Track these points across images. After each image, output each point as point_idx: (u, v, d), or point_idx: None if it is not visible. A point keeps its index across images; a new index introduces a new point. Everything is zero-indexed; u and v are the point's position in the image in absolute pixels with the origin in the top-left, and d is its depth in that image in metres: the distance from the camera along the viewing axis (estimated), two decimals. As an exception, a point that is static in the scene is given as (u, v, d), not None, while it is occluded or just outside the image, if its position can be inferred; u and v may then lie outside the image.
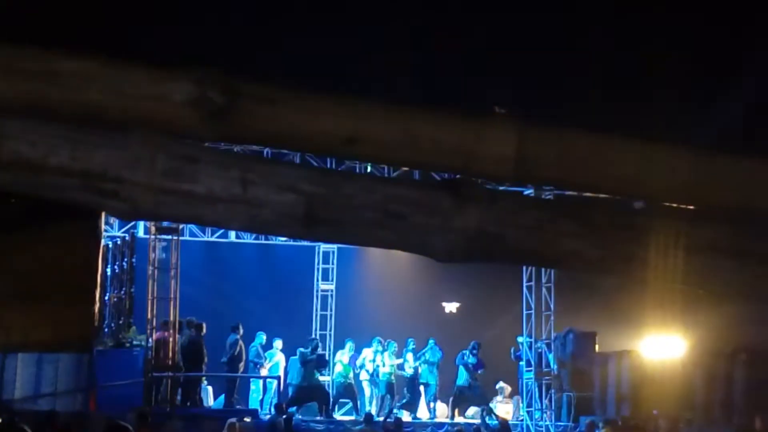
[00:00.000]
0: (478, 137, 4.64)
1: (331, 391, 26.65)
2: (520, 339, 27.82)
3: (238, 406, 24.91)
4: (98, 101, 4.09)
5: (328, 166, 16.68)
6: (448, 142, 4.62)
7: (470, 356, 27.01)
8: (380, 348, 26.62)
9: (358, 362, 26.91)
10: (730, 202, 5.12)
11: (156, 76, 4.16)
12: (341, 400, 26.98)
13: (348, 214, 4.25)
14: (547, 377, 27.32)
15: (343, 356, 26.83)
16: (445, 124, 4.70)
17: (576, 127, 5.13)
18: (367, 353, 26.85)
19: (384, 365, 26.57)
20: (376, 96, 4.71)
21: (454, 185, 4.51)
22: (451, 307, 30.91)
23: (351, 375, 26.63)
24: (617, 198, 4.94)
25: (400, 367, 26.94)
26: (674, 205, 5.34)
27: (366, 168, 18.49)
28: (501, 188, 6.44)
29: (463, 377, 27.07)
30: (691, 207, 5.26)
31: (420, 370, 26.95)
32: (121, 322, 24.86)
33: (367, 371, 26.62)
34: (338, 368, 26.66)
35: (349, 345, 27.05)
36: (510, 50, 19.31)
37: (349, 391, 26.70)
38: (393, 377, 26.78)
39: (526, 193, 16.67)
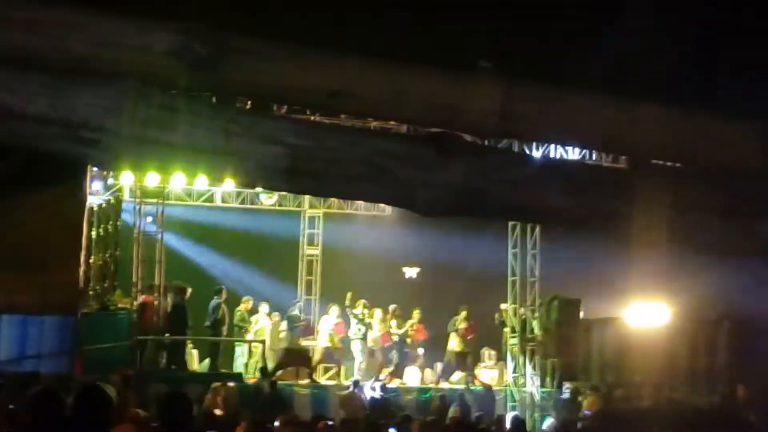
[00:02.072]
0: (463, 92, 4.63)
1: (315, 356, 26.65)
2: (504, 306, 27.85)
3: (222, 370, 24.89)
4: (80, 50, 4.06)
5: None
6: (433, 96, 4.60)
7: (461, 322, 27.04)
8: (365, 313, 26.60)
9: (350, 329, 26.90)
10: (717, 160, 5.12)
11: (140, 26, 4.13)
12: (325, 365, 26.99)
13: (331, 167, 4.23)
14: (531, 344, 27.35)
15: (327, 321, 26.80)
16: (430, 79, 4.69)
17: (562, 84, 5.12)
18: (352, 318, 26.82)
19: (370, 330, 26.57)
20: (362, 51, 4.68)
21: (438, 139, 4.50)
22: (411, 272, 30.83)
23: (336, 340, 26.63)
24: (603, 155, 4.95)
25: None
26: (661, 162, 5.34)
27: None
28: (486, 144, 6.43)
29: (453, 343, 27.10)
30: (678, 165, 5.26)
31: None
32: (106, 285, 24.76)
33: (356, 336, 26.58)
34: (323, 333, 26.63)
35: (333, 309, 27.03)
36: (495, 4, 19.13)
37: (333, 355, 26.71)
38: (377, 342, 26.76)
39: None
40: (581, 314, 28.29)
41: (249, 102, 8.59)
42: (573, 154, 18.61)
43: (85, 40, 3.91)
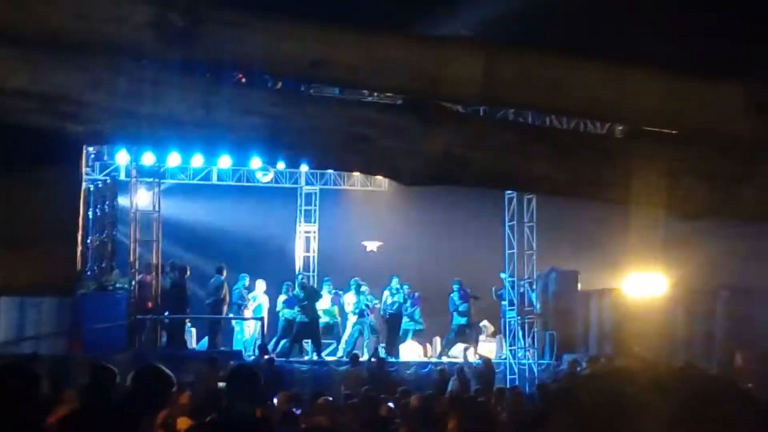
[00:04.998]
0: (446, 60, 4.61)
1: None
2: (503, 275, 27.86)
3: (222, 348, 24.94)
4: (59, 23, 4.04)
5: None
6: (415, 65, 4.58)
7: (458, 292, 27.10)
8: (359, 289, 26.64)
9: (347, 308, 26.95)
10: (701, 124, 5.10)
11: (116, -1, 4.12)
12: (324, 341, 27.04)
13: (312, 136, 4.22)
14: (529, 316, 27.40)
15: (323, 297, 26.87)
16: (412, 47, 4.67)
17: (546, 50, 5.10)
18: (348, 295, 26.88)
19: (366, 305, 26.62)
20: (344, 20, 4.67)
21: (420, 108, 4.48)
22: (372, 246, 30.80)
23: (335, 314, 26.72)
24: (588, 121, 4.94)
25: (390, 306, 26.97)
26: (647, 128, 5.33)
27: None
28: (469, 111, 6.41)
29: (459, 317, 27.21)
30: (663, 130, 5.24)
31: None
32: (103, 265, 24.79)
33: (354, 312, 26.64)
34: (320, 309, 26.69)
35: (327, 287, 27.12)
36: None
37: (331, 331, 26.80)
38: (374, 318, 26.83)
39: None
40: (579, 286, 28.35)
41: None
42: (563, 122, 18.51)
43: (61, 12, 3.89)
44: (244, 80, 5.72)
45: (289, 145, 4.19)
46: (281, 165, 27.65)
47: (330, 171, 28.57)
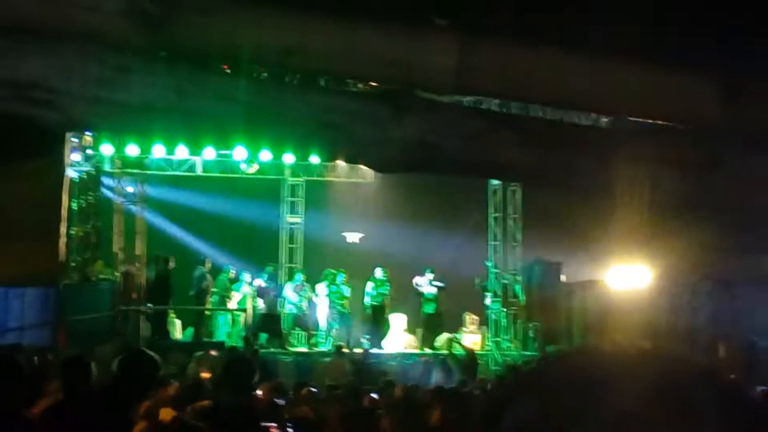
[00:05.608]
0: (420, 49, 4.63)
1: (284, 323, 26.79)
2: (489, 264, 27.92)
3: (205, 339, 24.95)
4: (30, 10, 4.05)
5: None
6: (389, 53, 4.60)
7: (432, 283, 27.15)
8: (331, 280, 26.68)
9: (317, 293, 26.98)
10: (676, 114, 5.14)
11: (89, -14, 4.12)
12: (293, 332, 27.09)
13: (286, 124, 4.24)
14: (513, 307, 27.45)
15: (294, 288, 26.92)
16: (386, 35, 4.68)
17: (521, 40, 5.12)
18: (320, 286, 26.91)
19: (339, 296, 26.66)
20: (317, 8, 4.68)
21: (392, 96, 4.50)
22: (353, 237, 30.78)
23: (304, 306, 26.76)
24: (560, 110, 4.95)
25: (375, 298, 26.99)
26: (625, 117, 5.37)
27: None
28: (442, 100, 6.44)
29: (430, 305, 27.24)
30: (637, 119, 5.28)
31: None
32: (87, 256, 24.79)
33: (329, 303, 26.68)
34: (291, 300, 26.75)
35: (299, 276, 27.21)
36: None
37: (301, 322, 26.86)
38: (346, 307, 26.87)
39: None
40: (563, 278, 28.40)
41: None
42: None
43: (35, -1, 3.91)
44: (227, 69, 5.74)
45: (264, 133, 4.21)
46: (266, 155, 27.61)
47: (315, 162, 28.55)
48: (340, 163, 27.54)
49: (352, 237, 30.49)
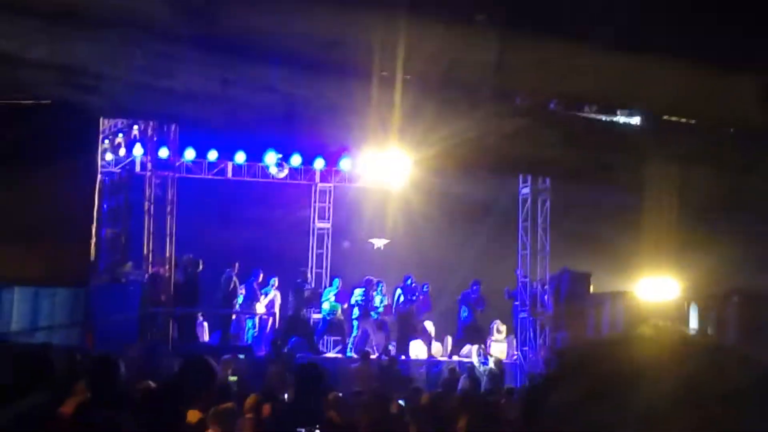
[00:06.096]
0: (460, 44, 4.65)
1: (319, 327, 26.82)
2: (518, 273, 27.90)
3: (233, 343, 25.02)
4: (77, -3, 4.10)
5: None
6: (429, 48, 4.62)
7: (472, 294, 27.18)
8: (371, 287, 26.69)
9: (353, 300, 26.98)
10: (714, 114, 5.14)
11: (135, -26, 4.16)
12: (330, 338, 27.13)
13: (327, 114, 4.27)
14: (541, 317, 27.41)
15: (330, 294, 26.95)
16: (430, 31, 4.71)
17: (561, 36, 5.13)
18: (357, 292, 26.92)
19: (376, 304, 26.67)
20: (363, 1, 4.71)
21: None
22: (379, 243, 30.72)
23: (339, 312, 26.76)
24: (600, 107, 4.96)
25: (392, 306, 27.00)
26: (663, 116, 5.37)
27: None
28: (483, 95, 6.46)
29: (465, 315, 27.27)
30: (675, 118, 5.28)
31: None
32: (117, 258, 24.90)
33: (358, 309, 26.68)
34: (326, 305, 26.78)
35: (337, 282, 27.21)
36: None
37: (337, 327, 26.87)
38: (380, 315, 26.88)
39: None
40: (591, 288, 28.32)
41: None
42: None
43: (82, -15, 3.95)
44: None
45: (305, 123, 4.25)
46: (296, 160, 27.65)
47: (344, 169, 28.60)
48: (369, 169, 27.61)
49: (378, 243, 30.51)
